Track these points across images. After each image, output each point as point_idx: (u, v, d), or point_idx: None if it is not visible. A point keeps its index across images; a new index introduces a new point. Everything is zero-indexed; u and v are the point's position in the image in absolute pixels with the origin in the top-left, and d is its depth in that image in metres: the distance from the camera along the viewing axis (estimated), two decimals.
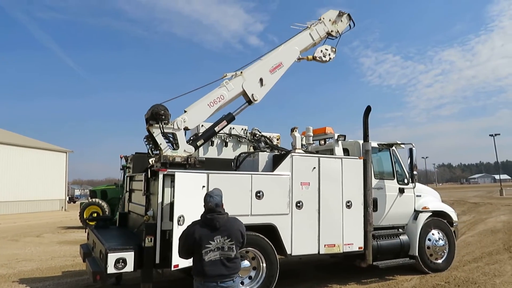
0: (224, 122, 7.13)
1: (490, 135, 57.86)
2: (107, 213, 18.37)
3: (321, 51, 8.30)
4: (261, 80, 7.44)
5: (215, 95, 7.01)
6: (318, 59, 8.29)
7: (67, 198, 45.71)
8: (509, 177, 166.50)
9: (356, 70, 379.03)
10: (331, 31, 8.46)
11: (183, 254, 4.36)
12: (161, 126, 6.42)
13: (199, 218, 4.28)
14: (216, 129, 7.06)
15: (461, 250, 11.08)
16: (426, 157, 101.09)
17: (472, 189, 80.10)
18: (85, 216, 18.08)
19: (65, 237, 16.38)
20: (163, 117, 6.42)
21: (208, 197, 4.20)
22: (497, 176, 72.08)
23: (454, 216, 9.06)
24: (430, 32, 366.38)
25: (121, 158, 9.27)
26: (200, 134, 7.18)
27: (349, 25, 8.75)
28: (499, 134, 57.96)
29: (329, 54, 8.35)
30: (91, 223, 8.00)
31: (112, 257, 5.57)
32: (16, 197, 34.32)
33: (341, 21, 8.60)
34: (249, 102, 7.37)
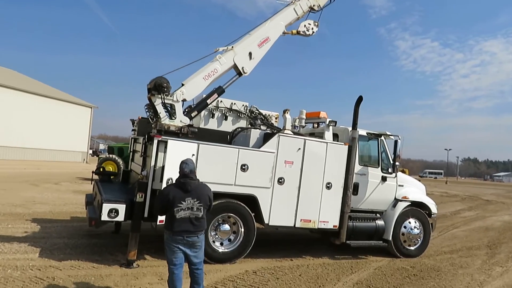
0: (215, 95, 7.84)
1: None
2: (122, 168, 19.47)
3: (304, 25, 8.89)
4: (250, 54, 8.10)
5: (210, 69, 7.68)
6: (302, 33, 8.89)
7: (91, 152, 47.86)
8: None
9: (390, 53, 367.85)
10: (313, 5, 8.98)
11: (158, 211, 5.15)
12: (162, 97, 7.12)
13: (174, 182, 5.01)
14: (208, 101, 7.80)
15: (444, 242, 11.57)
16: (450, 149, 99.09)
17: (493, 187, 78.61)
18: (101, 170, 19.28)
19: (80, 187, 17.66)
20: (165, 89, 7.12)
21: (183, 164, 4.90)
22: None
23: (433, 208, 9.53)
24: (474, 20, 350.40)
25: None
26: (194, 106, 7.83)
27: None
28: None
29: (312, 28, 8.94)
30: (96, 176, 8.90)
31: (106, 207, 6.42)
32: (42, 145, 36.30)
33: None
34: (239, 74, 8.05)
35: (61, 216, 10.49)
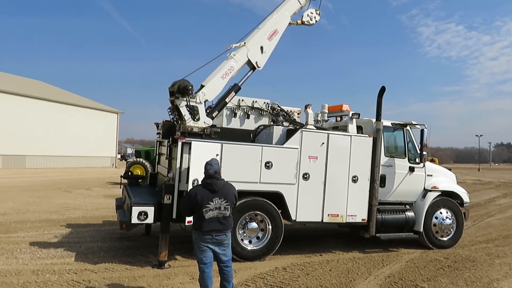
0: (233, 93, 7.99)
1: None
2: (149, 171, 19.83)
3: (308, 15, 9.04)
4: (261, 48, 8.26)
5: (226, 67, 7.81)
6: (306, 23, 9.06)
7: (119, 156, 48.95)
8: None
9: (413, 40, 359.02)
10: None
11: (185, 212, 5.23)
12: (188, 99, 7.22)
13: (200, 183, 5.07)
14: (227, 100, 7.93)
15: (479, 231, 11.25)
16: (481, 135, 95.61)
17: None
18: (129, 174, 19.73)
19: (111, 192, 18.11)
20: (190, 91, 7.22)
21: (208, 166, 4.96)
22: None
23: (465, 197, 9.27)
24: (500, 0, 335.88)
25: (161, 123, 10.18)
26: (214, 106, 7.89)
27: None
28: None
29: (315, 17, 9.13)
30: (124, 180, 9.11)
31: (135, 210, 6.56)
32: (72, 152, 37.45)
33: None
34: (253, 69, 8.23)
35: (94, 220, 10.79)
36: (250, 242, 7.38)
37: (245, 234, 7.33)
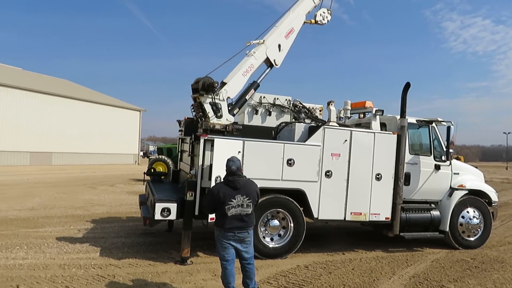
0: (252, 90, 8.03)
1: None
2: (171, 168, 20.06)
3: (320, 14, 9.13)
4: (279, 46, 8.32)
5: (247, 65, 7.85)
6: (319, 22, 9.17)
7: (141, 153, 49.74)
8: None
9: (438, 35, 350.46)
10: None
11: (208, 209, 5.26)
12: (213, 96, 7.24)
13: (222, 180, 5.08)
14: (247, 97, 7.96)
15: (507, 231, 10.91)
16: (509, 133, 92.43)
17: None
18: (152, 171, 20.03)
19: (134, 188, 18.40)
20: (215, 89, 7.23)
21: (230, 162, 4.95)
22: None
23: (493, 196, 8.99)
24: None
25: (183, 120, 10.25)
26: (234, 103, 7.89)
27: None
28: None
29: (327, 17, 9.23)
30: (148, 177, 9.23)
31: (159, 206, 6.63)
32: (97, 150, 38.24)
33: None
34: (271, 66, 8.29)
35: (118, 216, 10.99)
36: (272, 239, 7.36)
37: (267, 232, 7.31)
